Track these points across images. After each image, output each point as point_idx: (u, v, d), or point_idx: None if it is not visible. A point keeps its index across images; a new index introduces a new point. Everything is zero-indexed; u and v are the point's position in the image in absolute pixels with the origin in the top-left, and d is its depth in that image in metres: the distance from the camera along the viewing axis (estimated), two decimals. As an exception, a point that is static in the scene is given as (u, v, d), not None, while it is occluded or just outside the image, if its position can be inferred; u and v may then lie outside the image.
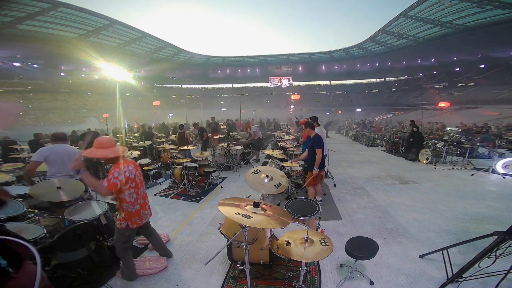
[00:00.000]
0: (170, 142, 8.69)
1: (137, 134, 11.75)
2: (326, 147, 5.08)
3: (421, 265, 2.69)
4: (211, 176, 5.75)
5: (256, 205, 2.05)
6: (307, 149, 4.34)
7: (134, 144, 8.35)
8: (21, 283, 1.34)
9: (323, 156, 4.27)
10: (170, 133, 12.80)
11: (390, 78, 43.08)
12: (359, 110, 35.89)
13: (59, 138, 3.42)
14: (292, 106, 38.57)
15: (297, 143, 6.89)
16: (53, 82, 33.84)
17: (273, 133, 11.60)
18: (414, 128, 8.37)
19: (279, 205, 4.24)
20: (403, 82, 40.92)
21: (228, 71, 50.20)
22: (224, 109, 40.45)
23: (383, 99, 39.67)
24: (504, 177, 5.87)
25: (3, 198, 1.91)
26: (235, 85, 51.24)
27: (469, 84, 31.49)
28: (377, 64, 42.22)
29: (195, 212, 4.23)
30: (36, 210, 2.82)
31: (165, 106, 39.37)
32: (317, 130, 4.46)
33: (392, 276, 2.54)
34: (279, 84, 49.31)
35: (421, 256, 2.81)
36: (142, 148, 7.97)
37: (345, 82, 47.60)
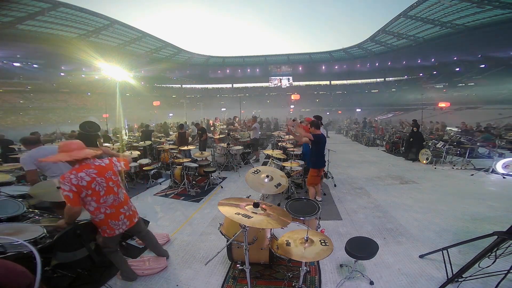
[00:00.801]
0: (172, 142, 8.68)
1: (137, 134, 11.76)
2: (327, 148, 5.08)
3: (421, 265, 2.69)
4: (211, 176, 5.75)
5: (256, 205, 2.05)
6: (308, 146, 4.34)
7: (134, 144, 8.36)
8: None
9: (323, 155, 4.28)
10: (171, 133, 12.82)
11: (390, 78, 43.08)
12: (359, 110, 35.88)
13: (31, 142, 3.18)
14: (292, 106, 38.59)
15: (296, 142, 6.88)
16: (53, 82, 33.85)
17: (273, 133, 11.61)
18: (414, 128, 8.36)
19: (279, 205, 4.24)
20: (403, 82, 40.92)
21: (228, 71, 50.19)
22: (224, 109, 40.42)
23: (383, 99, 39.65)
24: (504, 177, 5.87)
25: None
26: (235, 85, 51.25)
27: (469, 84, 31.49)
28: (377, 64, 42.20)
29: (195, 212, 4.23)
30: (36, 210, 2.82)
31: (165, 106, 39.36)
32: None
33: (392, 276, 2.54)
34: (279, 84, 49.32)
35: (421, 256, 2.81)
36: (142, 148, 7.97)
37: (345, 82, 47.61)
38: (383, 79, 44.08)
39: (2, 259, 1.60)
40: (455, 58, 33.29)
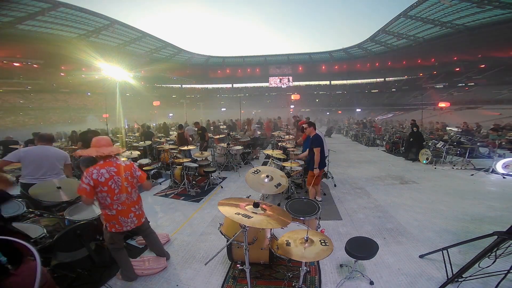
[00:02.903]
0: (172, 142, 8.67)
1: (137, 134, 11.76)
2: (327, 148, 5.08)
3: (421, 265, 2.69)
4: (211, 176, 5.75)
5: (256, 205, 2.05)
6: (307, 149, 4.35)
7: (134, 144, 8.35)
8: (20, 281, 1.33)
9: (324, 156, 4.28)
10: (170, 132, 12.82)
11: (390, 78, 43.06)
12: (359, 110, 35.90)
13: (43, 139, 3.26)
14: (292, 106, 38.60)
15: (296, 142, 6.89)
16: (53, 82, 33.84)
17: (273, 133, 11.60)
18: (414, 128, 8.37)
19: (279, 205, 4.24)
20: (403, 82, 40.90)
21: (228, 71, 50.18)
22: (224, 109, 40.48)
23: (383, 99, 39.65)
24: (504, 177, 5.87)
25: (3, 187, 1.94)
26: (235, 85, 51.25)
27: (469, 84, 31.49)
28: (377, 64, 42.20)
29: (195, 212, 4.23)
30: (36, 210, 2.82)
31: (165, 106, 39.34)
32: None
33: (392, 276, 2.54)
34: (279, 84, 49.32)
35: (421, 256, 2.81)
36: (142, 148, 7.97)
37: (345, 82, 47.59)
38: (383, 79, 44.06)
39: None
40: (455, 58, 33.28)
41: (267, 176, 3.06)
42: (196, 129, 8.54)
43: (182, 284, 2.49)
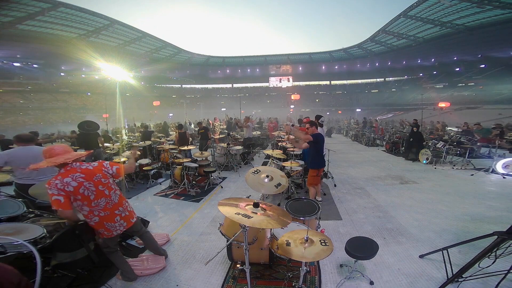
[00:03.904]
0: (172, 142, 8.67)
1: (137, 134, 11.76)
2: (324, 147, 5.08)
3: (421, 265, 2.69)
4: (211, 176, 5.75)
5: (256, 205, 2.05)
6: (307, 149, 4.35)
7: (134, 144, 8.35)
8: None
9: (323, 155, 4.28)
10: (170, 132, 12.82)
11: (390, 78, 43.08)
12: (359, 110, 35.90)
13: (22, 140, 3.14)
14: (292, 106, 38.60)
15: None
16: (53, 82, 33.85)
17: (273, 133, 11.60)
18: (414, 128, 8.37)
19: (279, 205, 4.24)
20: (403, 82, 40.93)
21: (228, 71, 50.19)
22: (224, 109, 40.46)
23: (383, 99, 39.68)
24: (504, 177, 5.87)
25: None
26: (235, 85, 51.23)
27: (469, 84, 31.50)
28: (377, 64, 42.20)
29: (195, 212, 4.23)
30: (36, 210, 2.82)
31: (165, 106, 39.37)
32: (318, 130, 4.48)
33: (392, 276, 2.54)
34: (279, 84, 49.31)
35: (421, 256, 2.81)
36: (142, 148, 7.97)
37: (345, 82, 47.61)
38: (383, 79, 44.08)
39: None
40: (455, 58, 33.29)
41: (267, 176, 3.06)
42: (197, 128, 8.52)
43: (182, 284, 2.49)
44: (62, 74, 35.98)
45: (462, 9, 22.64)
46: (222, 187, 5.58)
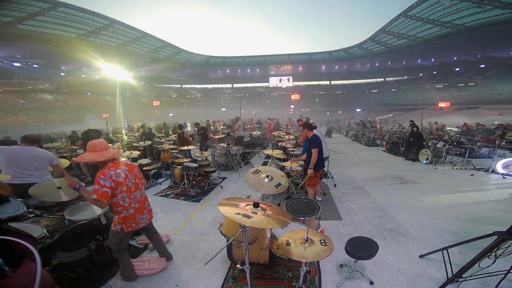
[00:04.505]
0: (172, 142, 8.67)
1: (137, 134, 11.76)
2: (327, 149, 5.07)
3: (421, 265, 2.69)
4: (211, 176, 5.75)
5: (256, 205, 2.05)
6: (305, 153, 4.35)
7: (134, 144, 8.35)
8: (18, 282, 1.32)
9: (323, 158, 4.27)
10: (170, 133, 12.82)
11: (390, 78, 43.06)
12: (359, 110, 35.89)
13: (28, 140, 3.23)
14: (292, 106, 38.59)
15: (296, 142, 6.88)
16: (53, 82, 33.84)
17: (273, 133, 11.60)
18: (414, 128, 8.36)
19: (279, 205, 4.24)
20: (403, 82, 40.92)
21: (228, 71, 50.17)
22: (224, 109, 40.50)
23: (383, 99, 39.65)
24: (504, 177, 5.87)
25: (3, 193, 1.91)
26: (235, 85, 51.22)
27: (469, 84, 31.48)
28: (377, 64, 42.18)
29: (195, 212, 4.23)
30: (36, 210, 2.82)
31: (165, 106, 39.37)
32: (314, 132, 4.48)
33: (392, 276, 2.54)
34: (279, 84, 49.31)
35: (421, 256, 2.81)
36: (142, 148, 7.97)
37: (345, 82, 47.58)
38: (383, 79, 44.07)
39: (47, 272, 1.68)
40: (455, 58, 33.28)
41: (267, 176, 3.06)
42: (197, 129, 8.53)
43: (182, 284, 2.49)
44: (62, 74, 35.96)
45: (462, 9, 22.64)
46: (222, 187, 5.58)
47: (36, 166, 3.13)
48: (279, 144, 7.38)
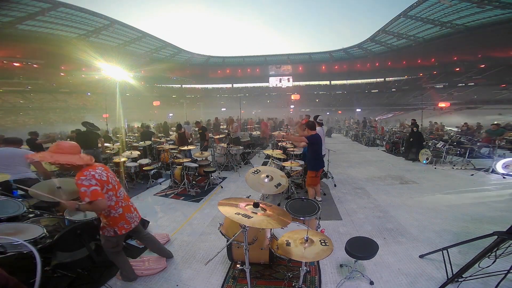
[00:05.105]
0: (172, 142, 8.66)
1: (137, 134, 11.76)
2: (325, 147, 5.08)
3: (421, 265, 2.69)
4: (211, 176, 5.75)
5: (256, 205, 2.05)
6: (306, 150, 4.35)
7: (134, 144, 8.35)
8: None
9: (321, 156, 4.28)
10: (170, 133, 12.82)
11: (390, 78, 43.02)
12: (359, 110, 35.84)
13: (8, 142, 3.38)
14: (292, 106, 38.56)
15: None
16: (53, 82, 33.82)
17: (273, 133, 11.60)
18: (414, 128, 8.37)
19: (279, 205, 4.24)
20: (403, 82, 40.89)
21: (228, 71, 50.13)
22: (224, 109, 40.43)
23: (383, 99, 39.63)
24: (504, 177, 5.87)
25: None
26: (235, 85, 51.21)
27: (469, 84, 31.47)
28: (377, 64, 42.16)
29: (195, 212, 4.23)
30: (36, 210, 2.82)
31: (165, 106, 39.31)
32: (317, 129, 4.48)
33: (392, 276, 2.54)
34: (279, 84, 49.29)
35: (421, 256, 2.81)
36: (142, 148, 7.97)
37: (345, 82, 47.54)
38: (383, 79, 44.03)
39: None
40: (455, 58, 33.27)
41: (267, 176, 3.06)
42: (197, 128, 8.53)
43: (182, 284, 2.49)
44: (62, 74, 35.94)
45: (462, 9, 22.65)
46: (222, 187, 5.58)
47: (9, 163, 3.25)
48: (279, 144, 7.37)
